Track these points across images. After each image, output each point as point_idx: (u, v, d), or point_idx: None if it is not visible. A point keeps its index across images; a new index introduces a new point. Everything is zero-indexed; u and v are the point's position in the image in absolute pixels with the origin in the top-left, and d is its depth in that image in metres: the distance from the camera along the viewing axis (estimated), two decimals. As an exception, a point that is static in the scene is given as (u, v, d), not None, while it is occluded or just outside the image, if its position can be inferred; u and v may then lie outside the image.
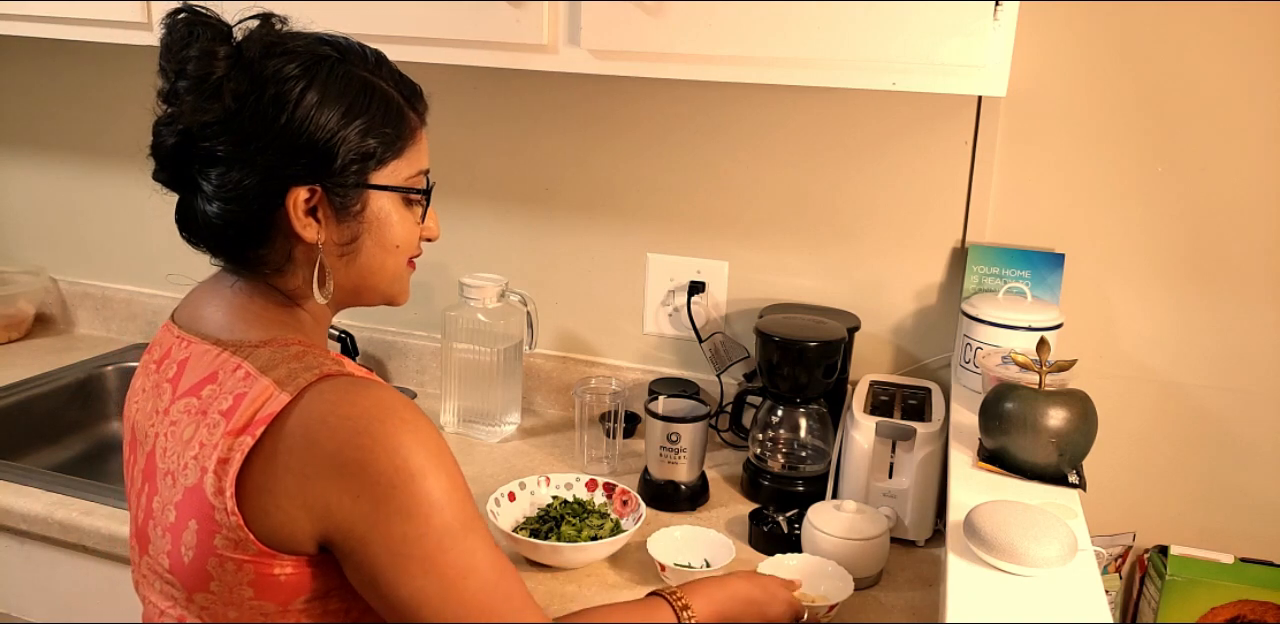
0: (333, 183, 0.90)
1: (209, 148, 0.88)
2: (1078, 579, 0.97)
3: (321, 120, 0.88)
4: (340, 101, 0.89)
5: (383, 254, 0.96)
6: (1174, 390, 1.47)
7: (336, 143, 0.89)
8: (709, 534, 1.30)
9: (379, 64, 0.96)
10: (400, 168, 0.95)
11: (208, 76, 0.86)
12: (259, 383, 0.87)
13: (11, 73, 2.03)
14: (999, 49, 1.14)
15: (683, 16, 1.22)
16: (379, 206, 0.94)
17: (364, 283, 0.97)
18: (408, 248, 0.99)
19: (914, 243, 1.54)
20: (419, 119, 0.97)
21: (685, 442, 1.42)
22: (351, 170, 0.91)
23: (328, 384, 0.86)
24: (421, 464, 0.84)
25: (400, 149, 0.94)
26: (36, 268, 2.10)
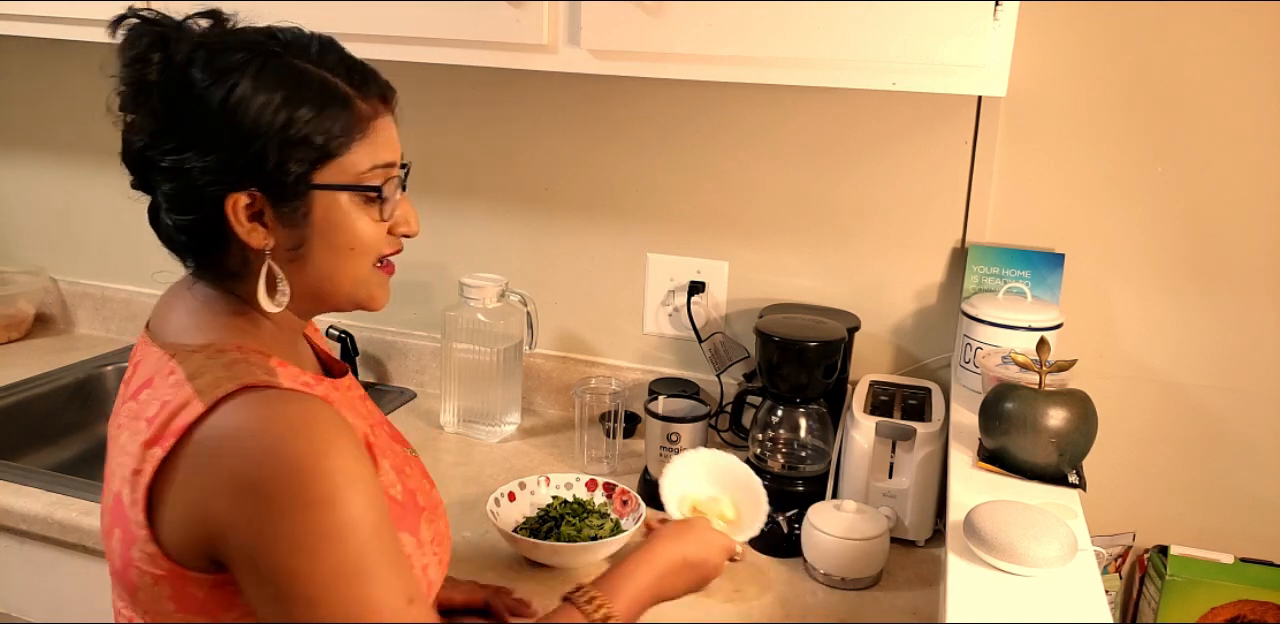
0: (272, 185, 0.85)
1: (153, 158, 0.85)
2: (1078, 579, 0.97)
3: (251, 121, 0.83)
4: (271, 98, 0.83)
5: (335, 258, 0.89)
6: (1174, 390, 1.47)
7: (270, 143, 0.83)
8: None
9: (324, 52, 0.89)
10: (349, 163, 0.87)
11: (140, 82, 0.84)
12: (183, 391, 0.82)
13: (11, 73, 2.03)
14: (999, 49, 1.14)
15: (683, 16, 1.22)
16: (327, 207, 0.87)
17: (323, 288, 0.91)
18: (367, 249, 0.91)
19: (914, 243, 1.54)
20: (372, 108, 0.89)
21: (685, 442, 1.42)
22: (289, 171, 0.84)
23: (247, 396, 0.80)
24: (327, 493, 0.76)
25: (346, 143, 0.86)
26: (36, 268, 2.10)
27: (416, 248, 1.82)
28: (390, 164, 0.90)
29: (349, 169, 0.87)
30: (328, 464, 0.77)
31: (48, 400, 1.81)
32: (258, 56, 0.84)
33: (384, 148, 0.90)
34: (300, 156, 0.85)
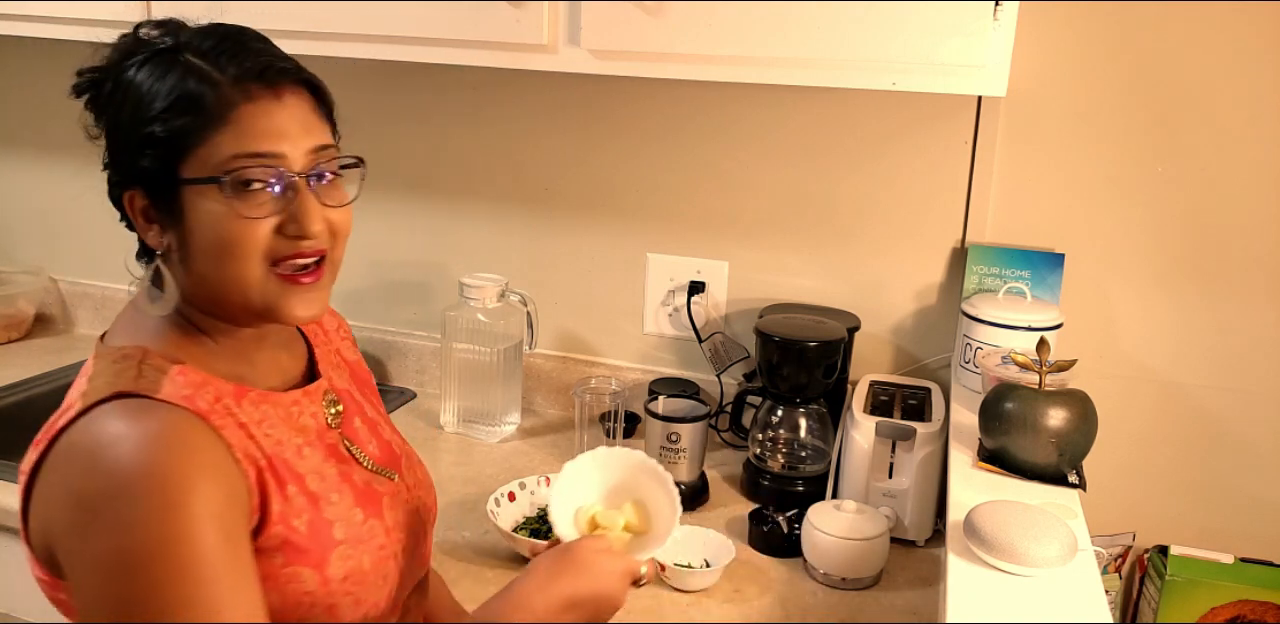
0: (148, 182, 0.83)
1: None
2: (1078, 579, 0.97)
3: (124, 117, 0.82)
4: (136, 93, 0.82)
5: (210, 260, 0.83)
6: (1174, 390, 1.47)
7: (134, 138, 0.82)
8: (709, 534, 1.30)
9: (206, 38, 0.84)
10: (210, 155, 0.81)
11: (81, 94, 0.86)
12: (75, 393, 0.81)
13: (11, 73, 2.03)
14: (999, 49, 1.14)
15: (683, 16, 1.22)
16: (196, 204, 0.82)
17: (214, 294, 0.86)
18: (242, 251, 0.83)
19: (914, 243, 1.54)
20: (242, 95, 0.81)
21: (685, 442, 1.42)
22: (152, 165, 0.82)
23: (115, 405, 0.78)
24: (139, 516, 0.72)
25: (202, 133, 0.80)
26: (36, 268, 2.10)
27: (417, 248, 1.83)
28: (264, 155, 0.82)
29: (209, 161, 0.81)
30: (162, 489, 0.74)
31: (48, 400, 1.80)
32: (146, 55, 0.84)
33: (255, 137, 0.82)
34: (155, 149, 0.81)
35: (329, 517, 0.87)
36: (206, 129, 0.81)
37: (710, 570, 1.24)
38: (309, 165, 0.85)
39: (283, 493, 0.84)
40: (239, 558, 0.77)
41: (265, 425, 0.86)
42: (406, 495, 0.99)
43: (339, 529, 0.87)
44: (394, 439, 1.04)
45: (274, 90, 0.83)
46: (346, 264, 0.94)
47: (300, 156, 0.84)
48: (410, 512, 0.98)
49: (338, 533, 0.87)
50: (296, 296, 0.86)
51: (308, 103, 0.86)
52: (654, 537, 0.97)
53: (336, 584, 0.86)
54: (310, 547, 0.84)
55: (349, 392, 1.01)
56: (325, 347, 1.04)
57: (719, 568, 1.24)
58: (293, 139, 0.83)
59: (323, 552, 0.85)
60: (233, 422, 0.83)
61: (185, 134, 0.80)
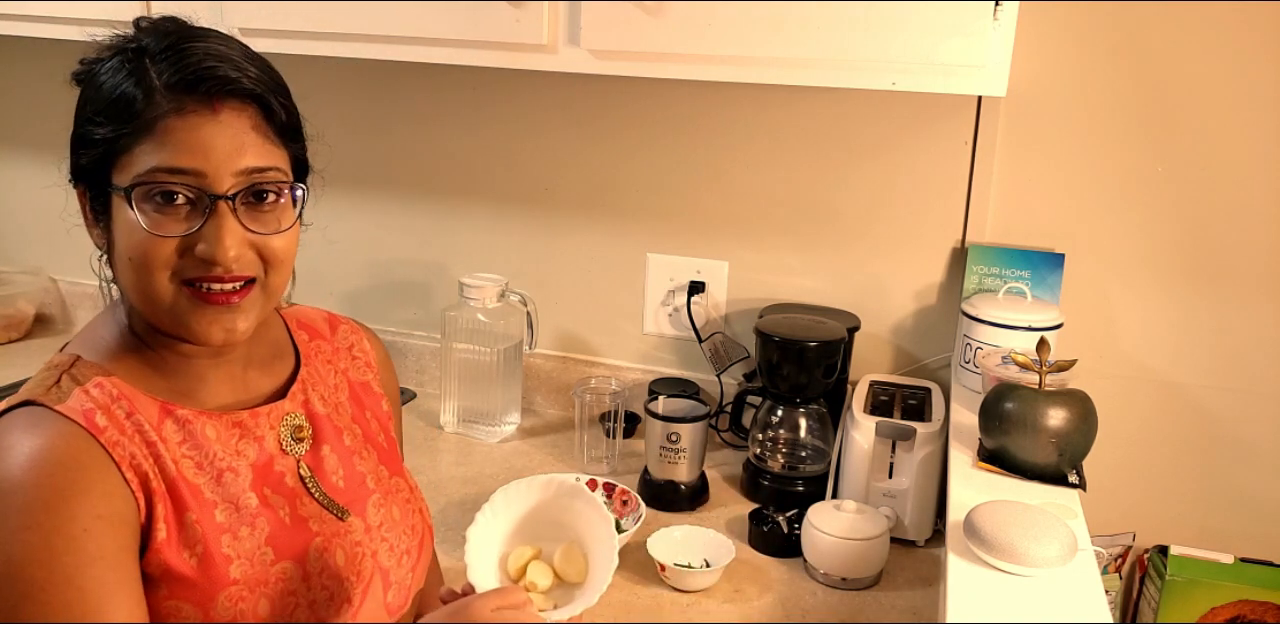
0: (86, 182, 0.84)
1: None
2: (1078, 579, 0.97)
3: (77, 113, 0.83)
4: (90, 91, 0.82)
5: (123, 268, 0.83)
6: (1174, 390, 1.47)
7: (77, 135, 0.83)
8: (709, 534, 1.30)
9: (160, 40, 0.81)
10: (132, 163, 0.79)
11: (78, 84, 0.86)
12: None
13: (11, 73, 2.03)
14: (999, 49, 1.14)
15: (683, 16, 1.22)
16: (119, 210, 0.81)
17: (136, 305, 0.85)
18: (149, 265, 0.80)
19: (914, 243, 1.54)
20: (175, 107, 0.78)
21: (685, 442, 1.42)
22: (91, 167, 0.82)
23: (15, 413, 0.79)
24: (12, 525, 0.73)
25: (129, 142, 0.79)
26: (36, 268, 2.10)
27: (417, 248, 1.83)
28: (182, 170, 0.78)
29: (131, 170, 0.79)
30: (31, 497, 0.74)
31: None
32: (112, 55, 0.83)
33: (179, 152, 0.78)
34: (92, 150, 0.81)
35: (227, 552, 0.82)
36: (133, 136, 0.79)
37: (710, 570, 1.24)
38: (235, 186, 0.80)
39: (179, 520, 0.80)
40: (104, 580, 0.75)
41: (184, 447, 0.83)
42: (359, 537, 0.90)
43: (236, 568, 0.82)
44: (375, 473, 0.96)
45: (209, 103, 0.79)
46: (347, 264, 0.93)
47: (226, 176, 0.80)
48: (355, 557, 0.89)
49: (234, 572, 0.82)
50: (209, 317, 0.82)
51: (249, 120, 0.81)
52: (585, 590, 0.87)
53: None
54: (198, 582, 0.80)
55: (329, 417, 0.95)
56: (325, 366, 1.00)
57: (719, 568, 1.24)
58: (220, 157, 0.79)
59: (210, 589, 0.80)
60: (138, 440, 0.81)
61: (114, 139, 0.79)
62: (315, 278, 1.55)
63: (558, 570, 0.92)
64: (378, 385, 1.05)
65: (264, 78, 0.83)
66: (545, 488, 0.93)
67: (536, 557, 0.92)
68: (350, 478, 0.94)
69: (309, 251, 0.92)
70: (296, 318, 1.02)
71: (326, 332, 1.03)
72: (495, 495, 0.92)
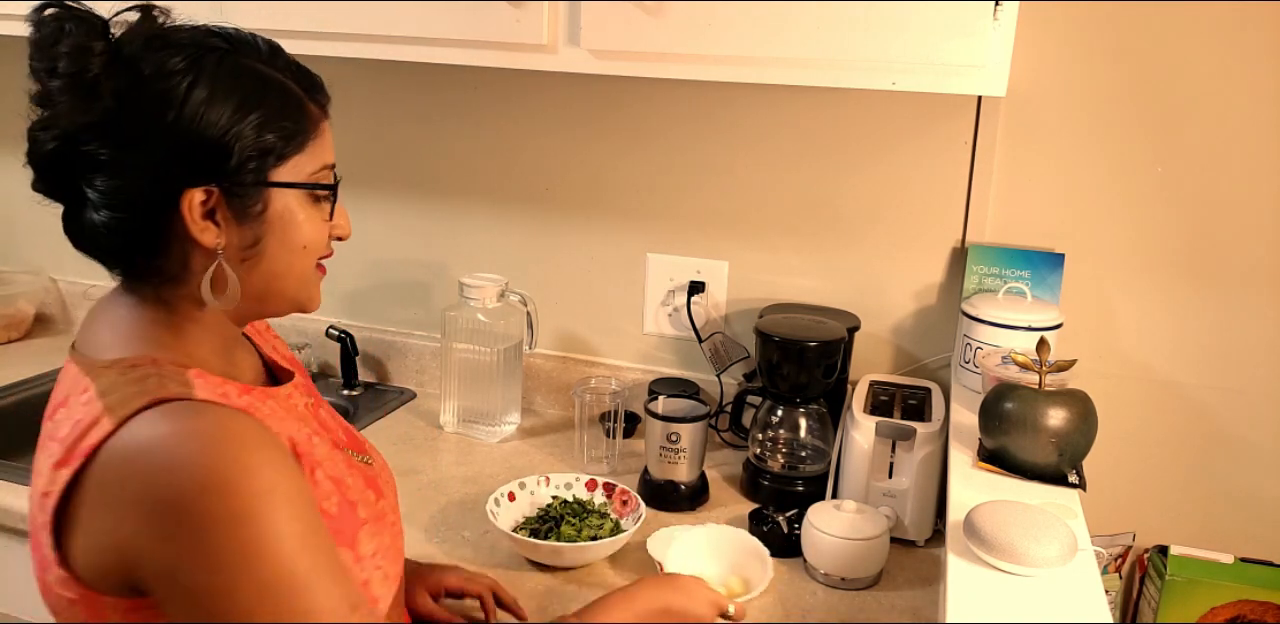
0: (230, 182, 0.83)
1: (90, 152, 0.81)
2: (1078, 579, 0.97)
3: (213, 116, 0.81)
4: (233, 95, 0.82)
5: (289, 256, 0.89)
6: (1174, 390, 1.47)
7: (231, 139, 0.82)
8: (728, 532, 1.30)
9: (273, 55, 0.89)
10: (303, 163, 0.87)
11: (82, 74, 0.79)
12: (93, 409, 0.79)
13: (11, 73, 2.02)
14: (999, 49, 1.14)
15: (682, 16, 1.22)
16: (283, 205, 0.87)
17: (270, 288, 0.89)
18: (316, 248, 0.91)
19: (914, 243, 1.54)
20: (320, 111, 0.90)
21: (685, 442, 1.42)
22: (250, 168, 0.84)
23: (158, 410, 0.77)
24: (240, 508, 0.73)
25: (301, 143, 0.87)
26: (36, 268, 2.10)
27: (417, 248, 1.83)
28: (332, 166, 0.92)
29: (301, 168, 0.88)
30: (243, 477, 0.74)
31: (48, 400, 1.80)
32: (212, 53, 0.83)
33: (328, 150, 0.91)
34: (261, 155, 0.84)
35: (352, 498, 0.91)
36: (306, 140, 0.88)
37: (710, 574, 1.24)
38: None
39: (313, 477, 0.87)
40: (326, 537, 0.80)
41: (277, 418, 0.87)
42: (385, 476, 1.04)
43: (361, 510, 0.91)
44: (351, 428, 1.08)
45: (324, 107, 0.92)
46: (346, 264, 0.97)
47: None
48: (392, 491, 1.04)
49: (361, 513, 0.91)
50: (319, 288, 0.95)
51: None
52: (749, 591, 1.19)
53: (368, 561, 0.89)
54: (342, 527, 0.87)
55: (308, 386, 1.04)
56: (266, 346, 1.06)
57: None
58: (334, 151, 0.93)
59: (353, 531, 0.89)
60: (262, 414, 0.85)
61: (291, 143, 0.86)
62: (315, 278, 1.56)
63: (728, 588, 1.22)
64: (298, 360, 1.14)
65: None
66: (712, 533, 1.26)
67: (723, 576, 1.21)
68: (347, 433, 1.04)
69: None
70: None
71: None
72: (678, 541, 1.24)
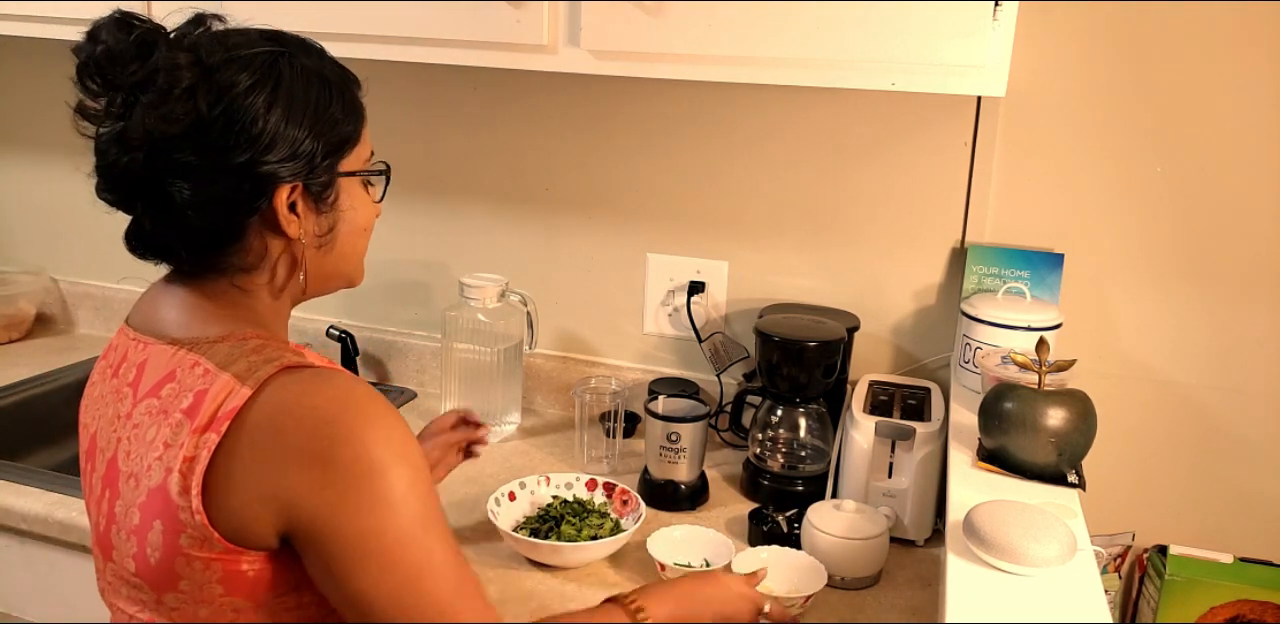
0: (310, 176, 0.91)
1: (179, 159, 0.86)
2: (1077, 579, 0.97)
3: (295, 120, 0.89)
4: (309, 99, 0.90)
5: (355, 238, 0.99)
6: (1173, 390, 1.47)
7: (313, 139, 0.90)
8: (709, 534, 1.30)
9: (322, 54, 0.96)
10: (361, 152, 0.97)
11: (173, 88, 0.84)
12: (219, 379, 0.86)
13: (11, 73, 2.03)
14: (998, 49, 1.14)
15: (682, 16, 1.22)
16: (350, 193, 0.96)
17: (337, 269, 0.99)
18: (371, 228, 1.01)
19: (914, 243, 1.54)
20: (362, 102, 0.98)
21: (685, 441, 1.42)
22: (326, 163, 0.92)
23: (290, 376, 0.85)
24: (386, 458, 0.82)
25: (359, 134, 0.96)
26: (36, 268, 2.10)
27: (417, 248, 1.83)
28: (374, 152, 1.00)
29: (360, 156, 0.97)
30: (380, 434, 0.83)
31: (48, 400, 1.81)
32: (280, 59, 0.90)
33: (369, 138, 0.98)
34: (335, 148, 0.92)
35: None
36: (361, 129, 0.96)
37: (710, 570, 1.24)
38: None
39: None
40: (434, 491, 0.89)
41: None
42: None
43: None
44: None
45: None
46: None
47: None
48: None
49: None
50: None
51: None
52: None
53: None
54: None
55: None
56: None
57: (719, 567, 1.24)
58: None
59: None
60: None
61: (356, 134, 0.95)
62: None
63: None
64: None
65: None
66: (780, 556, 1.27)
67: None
68: None
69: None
70: None
71: None
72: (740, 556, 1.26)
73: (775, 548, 1.26)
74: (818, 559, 1.24)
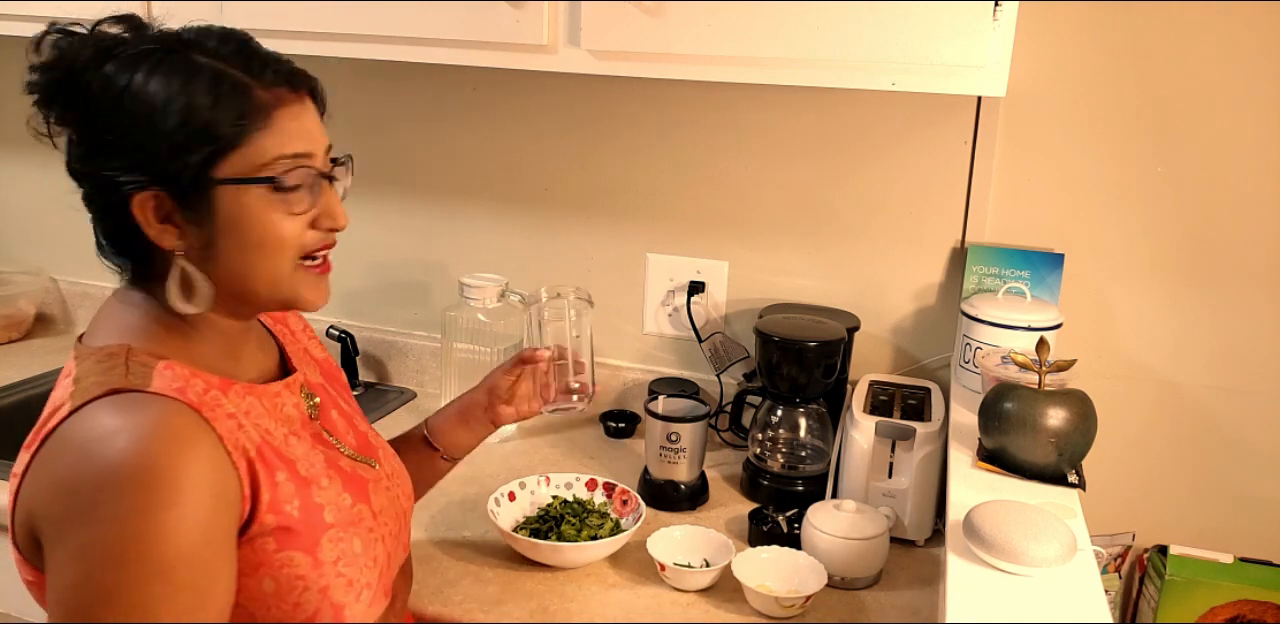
0: (173, 183, 0.83)
1: (70, 165, 0.87)
2: (1077, 579, 0.97)
3: (144, 116, 0.82)
4: (162, 93, 0.82)
5: (245, 256, 0.87)
6: (1173, 390, 1.47)
7: (163, 139, 0.82)
8: (709, 534, 1.30)
9: (223, 43, 0.86)
10: (250, 155, 0.84)
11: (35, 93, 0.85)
12: (64, 394, 0.83)
13: (12, 73, 2.02)
14: (998, 49, 1.14)
15: (683, 17, 1.22)
16: (234, 203, 0.85)
17: (240, 288, 0.89)
18: (279, 246, 0.87)
19: (914, 243, 1.54)
20: (274, 97, 0.85)
21: (685, 441, 1.42)
22: (186, 165, 0.83)
23: (109, 400, 0.80)
24: (122, 510, 0.74)
25: (241, 134, 0.83)
26: (36, 268, 2.10)
27: (417, 248, 1.83)
28: (301, 155, 0.87)
29: (250, 161, 0.84)
30: (145, 479, 0.75)
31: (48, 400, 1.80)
32: (154, 54, 0.84)
33: (292, 138, 0.86)
34: (194, 150, 0.82)
35: (319, 501, 0.90)
36: (248, 130, 0.84)
37: (710, 570, 1.24)
38: (327, 164, 0.91)
39: (272, 480, 0.86)
40: (216, 560, 0.79)
41: (253, 416, 0.89)
42: (387, 483, 1.04)
43: (329, 513, 0.90)
44: (369, 431, 1.09)
45: (298, 93, 0.88)
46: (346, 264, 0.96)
47: (322, 156, 0.90)
48: (392, 498, 1.03)
49: (328, 516, 0.90)
50: (315, 286, 0.93)
51: (316, 107, 0.91)
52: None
53: (329, 567, 0.88)
54: (302, 530, 0.87)
55: (322, 386, 1.06)
56: (294, 345, 1.08)
57: (719, 568, 1.24)
58: (316, 139, 0.89)
59: (314, 535, 0.88)
60: (222, 412, 0.85)
61: (230, 136, 0.83)
62: (315, 278, 1.56)
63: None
64: (332, 360, 1.17)
65: None
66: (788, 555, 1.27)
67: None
68: (358, 437, 1.05)
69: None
70: None
71: (283, 316, 1.12)
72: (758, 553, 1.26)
73: (775, 548, 1.26)
74: (818, 559, 1.24)
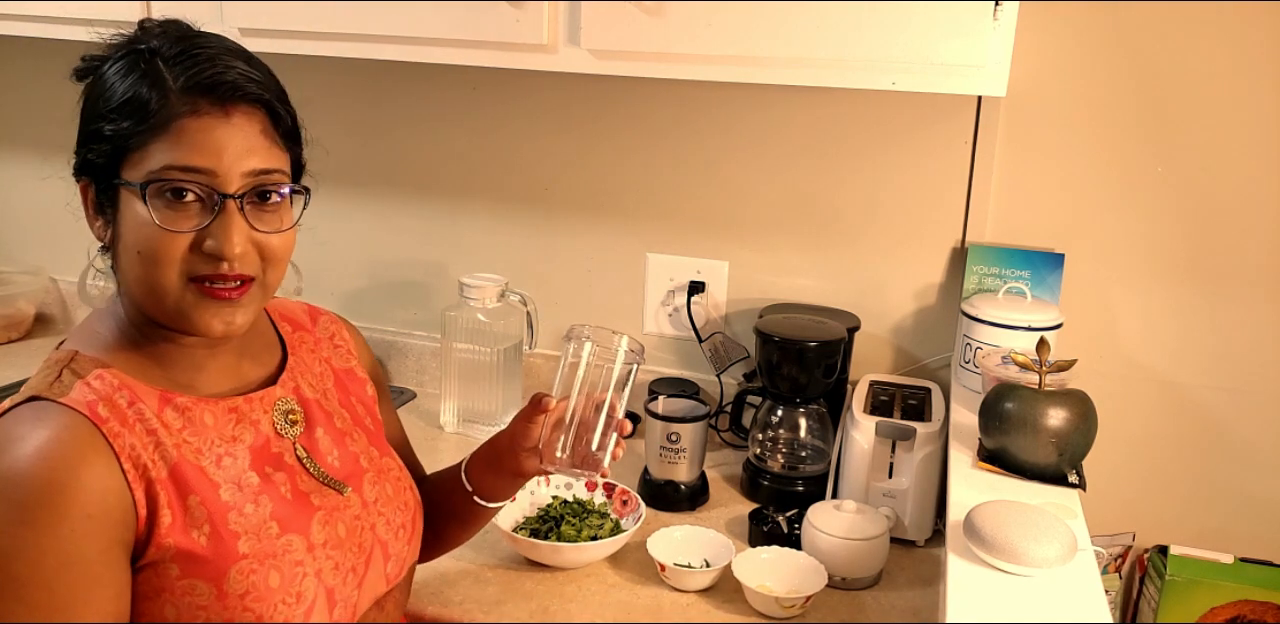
0: (93, 176, 0.86)
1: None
2: (1077, 579, 0.97)
3: (85, 109, 0.87)
4: (101, 88, 0.85)
5: (130, 261, 0.85)
6: (1174, 390, 1.47)
7: (88, 130, 0.85)
8: (709, 534, 1.30)
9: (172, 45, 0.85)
10: (145, 160, 0.82)
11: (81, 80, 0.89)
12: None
13: (11, 73, 2.03)
14: (999, 49, 1.14)
15: (683, 16, 1.22)
16: (126, 205, 0.84)
17: (137, 297, 0.88)
18: (157, 258, 0.83)
19: (914, 243, 1.54)
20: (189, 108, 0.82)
21: (685, 442, 1.42)
22: (101, 162, 0.84)
23: (24, 407, 0.82)
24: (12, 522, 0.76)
25: (143, 140, 0.82)
26: (36, 268, 2.10)
27: (416, 248, 1.83)
28: (195, 169, 0.82)
29: (144, 166, 0.82)
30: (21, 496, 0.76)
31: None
32: (123, 53, 0.86)
33: (192, 151, 0.82)
34: (103, 146, 0.84)
35: (235, 529, 0.86)
36: (147, 134, 0.82)
37: (710, 571, 1.24)
38: (244, 186, 0.84)
39: (182, 503, 0.84)
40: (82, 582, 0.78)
41: (185, 433, 0.87)
42: (359, 511, 0.97)
43: (245, 543, 0.86)
44: (365, 452, 1.02)
45: (223, 106, 0.83)
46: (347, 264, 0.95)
47: (235, 177, 0.84)
48: (361, 528, 0.96)
49: (243, 547, 0.86)
50: (211, 311, 0.86)
51: (259, 124, 0.86)
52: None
53: (234, 600, 0.84)
54: (210, 558, 0.84)
55: (318, 401, 1.00)
56: (310, 355, 1.05)
57: (719, 568, 1.24)
58: (230, 158, 0.83)
59: (221, 565, 0.84)
60: (140, 428, 0.84)
61: (127, 136, 0.82)
62: (315, 278, 1.56)
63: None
64: (361, 371, 1.10)
65: (270, 84, 0.88)
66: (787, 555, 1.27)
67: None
68: (344, 458, 0.99)
69: (310, 252, 0.94)
70: (279, 311, 1.07)
71: (308, 323, 1.09)
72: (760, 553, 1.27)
73: (775, 548, 1.26)
74: (818, 559, 1.24)
